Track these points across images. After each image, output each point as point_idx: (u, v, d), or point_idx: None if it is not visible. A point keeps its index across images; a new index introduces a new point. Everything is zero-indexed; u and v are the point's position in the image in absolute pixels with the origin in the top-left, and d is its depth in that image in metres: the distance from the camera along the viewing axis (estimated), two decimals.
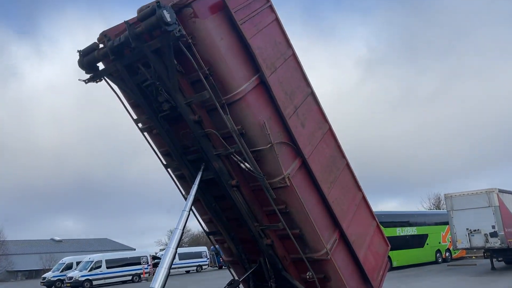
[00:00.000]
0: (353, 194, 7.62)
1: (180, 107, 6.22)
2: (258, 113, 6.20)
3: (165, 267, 6.00)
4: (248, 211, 6.64)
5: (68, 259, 41.10)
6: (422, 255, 29.28)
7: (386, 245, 8.38)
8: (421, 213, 36.16)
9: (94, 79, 6.68)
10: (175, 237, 6.30)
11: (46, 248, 71.25)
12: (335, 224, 7.03)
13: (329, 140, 7.39)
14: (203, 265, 46.05)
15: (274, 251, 6.85)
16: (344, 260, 7.09)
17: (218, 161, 6.47)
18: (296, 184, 6.41)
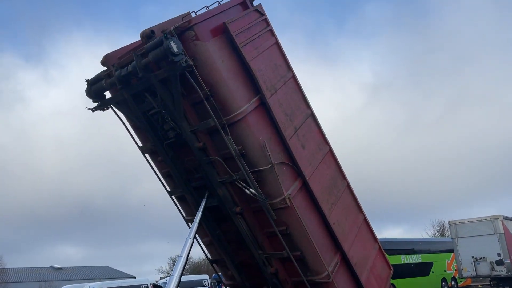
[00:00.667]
0: (354, 216, 7.60)
1: (186, 135, 6.33)
2: (258, 134, 6.26)
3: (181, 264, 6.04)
4: (252, 239, 6.63)
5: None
6: (427, 284, 28.63)
7: (389, 268, 8.27)
8: (425, 240, 35.64)
9: (101, 107, 6.84)
10: (179, 265, 6.27)
11: (46, 276, 70.17)
12: (337, 246, 7.00)
13: (330, 161, 7.43)
14: None
15: (278, 279, 6.78)
16: (346, 283, 7.00)
17: (222, 188, 6.52)
18: (297, 205, 6.41)
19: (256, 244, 6.68)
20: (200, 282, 45.34)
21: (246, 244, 6.68)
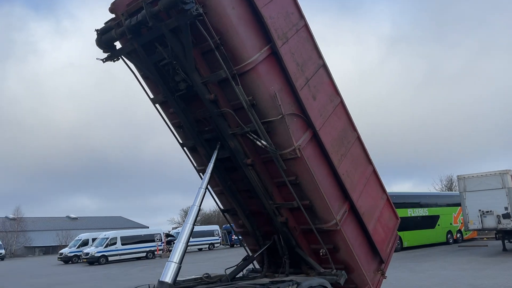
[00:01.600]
0: (363, 167, 7.64)
1: (197, 86, 6.29)
2: (269, 84, 6.20)
3: (183, 242, 6.17)
4: (263, 190, 6.74)
5: (84, 236, 42.15)
6: (433, 236, 29.31)
7: (396, 218, 8.41)
8: (433, 194, 36.07)
9: (112, 58, 6.79)
10: (192, 213, 6.43)
11: (62, 225, 73.05)
12: (345, 196, 7.08)
13: (341, 113, 7.38)
14: (215, 243, 46.80)
15: (288, 228, 6.96)
16: (353, 231, 7.17)
17: (233, 140, 6.56)
18: (307, 156, 6.46)
19: (266, 194, 6.81)
20: (211, 232, 46.94)
21: (257, 194, 6.81)
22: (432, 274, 15.68)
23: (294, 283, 5.98)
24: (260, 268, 7.84)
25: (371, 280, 7.41)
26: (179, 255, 6.01)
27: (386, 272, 7.91)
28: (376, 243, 7.51)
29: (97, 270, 28.06)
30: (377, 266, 7.72)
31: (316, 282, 6.27)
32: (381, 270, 7.72)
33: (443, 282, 13.60)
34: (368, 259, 7.52)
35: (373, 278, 7.55)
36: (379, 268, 7.71)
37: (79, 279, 22.77)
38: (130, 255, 35.81)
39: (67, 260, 38.96)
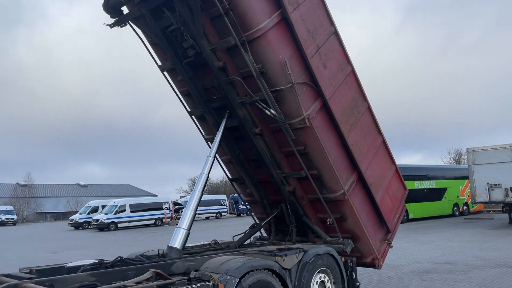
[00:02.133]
0: (373, 138, 7.56)
1: (205, 53, 6.18)
2: (279, 51, 6.07)
3: (191, 209, 6.25)
4: (271, 159, 6.72)
5: (94, 203, 42.96)
6: (439, 208, 29.43)
7: (404, 189, 8.40)
8: (440, 167, 35.97)
9: (119, 23, 6.67)
10: (201, 181, 6.47)
11: (72, 192, 74.41)
12: (354, 166, 7.05)
13: (352, 82, 7.23)
14: (222, 212, 47.47)
15: (295, 197, 6.98)
16: (361, 201, 7.18)
17: (242, 109, 6.49)
18: (316, 125, 6.39)
19: (274, 164, 6.80)
20: (218, 201, 47.54)
21: (265, 163, 6.81)
22: (438, 245, 15.82)
23: (301, 250, 6.05)
24: (267, 236, 7.95)
25: (377, 249, 7.48)
26: (187, 222, 6.10)
27: (392, 242, 7.98)
28: (383, 213, 7.53)
29: (107, 236, 28.72)
30: (383, 235, 7.78)
31: (323, 250, 6.34)
32: (387, 240, 7.78)
33: (449, 253, 13.71)
34: (375, 228, 7.57)
35: (379, 247, 7.62)
36: (385, 238, 7.77)
37: (89, 244, 23.34)
38: (139, 222, 36.51)
39: (77, 226, 39.87)
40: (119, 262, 5.40)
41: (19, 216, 60.09)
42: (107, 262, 5.32)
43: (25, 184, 68.61)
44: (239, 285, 4.99)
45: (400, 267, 11.49)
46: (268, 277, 5.37)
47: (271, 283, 5.39)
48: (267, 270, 5.41)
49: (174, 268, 5.31)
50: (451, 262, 11.99)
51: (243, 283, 5.04)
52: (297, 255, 5.94)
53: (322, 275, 6.29)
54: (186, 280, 4.86)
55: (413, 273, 10.57)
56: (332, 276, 6.41)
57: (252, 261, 5.32)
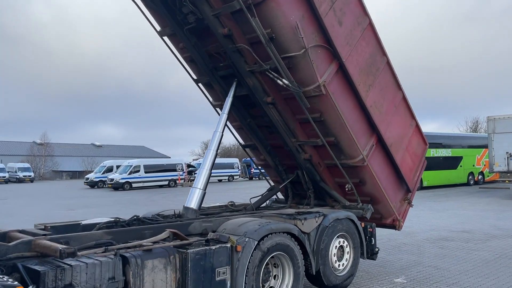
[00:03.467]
0: (392, 95, 7.06)
1: (208, 19, 5.63)
2: (289, 13, 5.48)
3: (207, 168, 6.02)
4: (285, 127, 6.39)
5: (109, 163, 43.53)
6: (453, 177, 29.09)
7: (425, 144, 7.95)
8: (457, 135, 35.28)
9: None
10: (215, 140, 6.18)
11: (87, 152, 75.54)
12: (373, 128, 6.67)
13: (369, 37, 6.59)
14: (235, 175, 47.78)
15: (311, 164, 6.70)
16: (380, 164, 6.90)
17: (251, 78, 6.02)
18: (332, 91, 5.94)
19: (289, 132, 6.46)
20: (231, 165, 47.78)
21: (278, 131, 6.51)
22: (453, 213, 15.64)
23: (321, 214, 5.88)
24: (284, 199, 7.80)
25: (397, 210, 7.29)
26: (203, 182, 5.90)
27: (412, 201, 7.75)
28: (404, 173, 7.24)
29: (121, 195, 29.17)
30: (403, 195, 7.53)
31: (343, 215, 6.17)
32: (407, 199, 7.54)
33: (465, 221, 13.54)
34: (395, 189, 7.32)
35: (399, 208, 7.42)
36: (405, 197, 7.52)
37: (105, 203, 23.72)
38: (152, 182, 36.96)
39: (92, 184, 40.60)
40: (135, 221, 5.30)
41: (36, 174, 61.40)
42: (123, 221, 5.22)
43: (41, 143, 69.72)
44: (258, 248, 4.86)
45: (415, 234, 11.37)
46: (286, 241, 5.23)
47: (290, 246, 5.25)
48: (285, 233, 5.26)
49: (191, 229, 5.19)
50: (468, 230, 11.82)
51: (261, 245, 4.91)
52: (317, 219, 5.78)
53: (341, 239, 6.14)
54: (203, 241, 4.73)
55: (429, 240, 10.44)
56: (351, 241, 6.26)
57: (271, 223, 5.16)
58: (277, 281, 5.29)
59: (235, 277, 4.65)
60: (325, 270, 5.77)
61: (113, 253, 3.87)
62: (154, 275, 4.09)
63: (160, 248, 4.24)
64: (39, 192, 35.44)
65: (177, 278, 4.28)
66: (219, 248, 4.58)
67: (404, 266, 7.95)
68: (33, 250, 3.75)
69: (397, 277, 7.14)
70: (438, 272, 7.48)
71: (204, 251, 4.45)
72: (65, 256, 3.47)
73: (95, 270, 3.64)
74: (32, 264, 3.53)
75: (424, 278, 7.09)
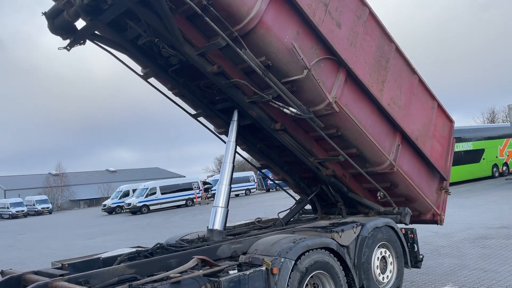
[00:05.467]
0: (408, 82, 6.50)
1: (192, 60, 5.02)
2: (282, 35, 4.89)
3: (225, 184, 5.50)
4: (300, 149, 5.88)
5: (125, 187, 43.40)
6: (477, 171, 28.21)
7: (450, 121, 7.39)
8: (476, 127, 34.41)
9: (76, 42, 5.39)
10: (226, 170, 5.59)
11: (102, 178, 75.85)
12: (395, 127, 6.15)
13: (372, 28, 6.00)
14: (251, 188, 47.29)
15: (336, 177, 6.21)
16: (410, 162, 6.39)
17: (254, 109, 5.46)
18: (345, 103, 5.40)
19: (305, 152, 5.94)
20: (247, 178, 47.31)
21: (294, 153, 5.99)
22: (485, 209, 14.93)
23: (358, 224, 5.39)
24: (311, 209, 7.32)
25: (435, 203, 6.82)
26: (224, 199, 5.42)
27: (449, 188, 7.21)
28: (435, 163, 6.70)
29: (140, 219, 28.85)
30: (438, 185, 7.02)
31: (382, 222, 5.67)
32: (444, 188, 7.02)
33: (500, 216, 12.86)
34: (429, 182, 6.81)
35: (436, 200, 6.94)
36: (441, 186, 7.02)
37: (124, 228, 23.40)
38: (170, 203, 36.67)
39: (110, 211, 40.44)
40: (158, 250, 4.88)
41: (54, 205, 61.69)
42: (146, 250, 4.81)
43: (57, 173, 70.23)
44: (295, 268, 4.40)
45: (452, 234, 10.77)
46: (325, 257, 4.75)
47: (330, 263, 4.77)
48: (323, 249, 4.78)
49: (220, 252, 4.75)
50: (507, 226, 11.17)
51: (299, 265, 4.44)
52: (354, 229, 5.29)
53: (383, 249, 5.64)
54: (235, 265, 4.29)
55: (468, 240, 9.84)
56: (393, 250, 5.75)
57: (307, 239, 4.69)
58: None
59: None
60: (369, 285, 5.26)
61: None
62: None
63: (190, 279, 3.80)
64: (58, 223, 35.36)
65: None
66: (253, 272, 4.13)
67: (448, 271, 7.37)
68: None
69: (444, 285, 6.58)
70: (486, 275, 6.90)
71: (238, 277, 4.00)
72: None
73: None
74: None
75: (474, 283, 6.52)
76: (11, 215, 53.07)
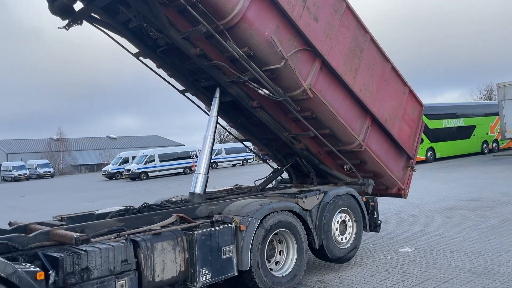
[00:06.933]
0: (381, 70, 7.07)
1: (177, 43, 5.63)
2: (263, 29, 5.48)
3: (206, 153, 6.22)
4: (276, 125, 6.55)
5: (124, 154, 44.30)
6: (467, 146, 28.96)
7: (420, 105, 7.96)
8: (469, 104, 34.87)
9: (74, 22, 6.00)
10: (207, 142, 6.30)
11: (103, 144, 76.79)
12: (366, 111, 6.77)
13: (349, 20, 6.54)
14: (249, 158, 48.17)
15: (308, 151, 6.90)
16: (378, 142, 7.05)
17: (233, 87, 6.12)
18: (319, 90, 6.02)
19: (281, 128, 6.61)
20: (244, 149, 47.68)
21: (270, 128, 6.66)
22: (464, 183, 15.72)
23: (321, 192, 6.14)
24: (289, 180, 8.07)
25: (400, 179, 7.52)
26: (204, 167, 6.17)
27: (415, 165, 7.90)
28: (402, 143, 7.37)
29: (139, 185, 29.84)
30: (405, 163, 7.69)
31: (343, 191, 6.42)
32: (410, 166, 7.71)
33: (475, 190, 13.65)
34: (396, 160, 7.49)
35: (402, 176, 7.63)
36: (407, 165, 7.70)
37: (123, 193, 24.37)
38: (168, 171, 37.60)
39: (110, 176, 41.49)
40: (145, 208, 5.65)
41: (55, 169, 62.86)
42: (134, 208, 5.57)
43: (58, 138, 71.13)
44: (261, 226, 5.16)
45: (425, 205, 11.57)
46: (288, 218, 5.51)
47: (292, 223, 5.54)
48: (287, 212, 5.54)
49: (198, 212, 5.52)
50: (477, 198, 11.97)
51: (264, 224, 5.20)
52: (317, 196, 6.04)
53: (343, 214, 6.40)
54: (209, 222, 5.06)
55: (437, 211, 10.64)
56: (353, 215, 6.52)
57: (273, 203, 5.45)
58: (282, 256, 5.60)
59: (241, 254, 4.97)
60: (328, 244, 6.06)
61: (124, 238, 4.21)
62: (164, 256, 4.43)
63: (168, 232, 4.58)
64: (59, 187, 36.43)
65: (186, 257, 4.62)
66: (223, 228, 4.90)
67: (410, 236, 8.20)
68: (52, 239, 4.12)
69: (402, 247, 7.40)
70: (443, 240, 7.72)
71: (210, 232, 4.78)
72: (80, 243, 3.82)
73: (108, 254, 3.99)
74: (51, 252, 3.89)
75: (429, 246, 7.34)
76: (13, 178, 54.34)
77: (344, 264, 6.51)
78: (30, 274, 3.41)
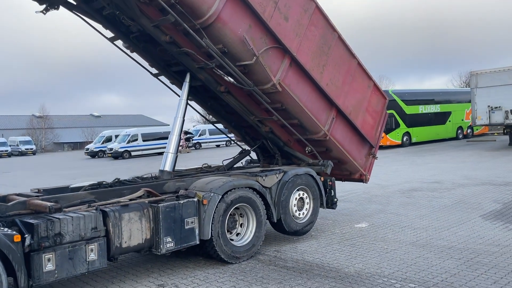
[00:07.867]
0: (347, 66, 7.62)
1: (148, 30, 6.03)
2: (236, 28, 5.92)
3: (176, 134, 6.84)
4: (242, 108, 7.04)
5: (108, 133, 44.34)
6: (442, 132, 29.92)
7: (384, 98, 8.58)
8: (445, 91, 35.77)
9: (52, 6, 6.32)
10: (177, 124, 6.84)
11: (86, 123, 76.30)
12: (331, 103, 7.31)
13: (318, 19, 6.98)
14: None
15: (273, 133, 7.44)
16: (342, 132, 7.61)
17: (202, 73, 6.57)
18: (288, 84, 6.52)
19: (247, 111, 7.10)
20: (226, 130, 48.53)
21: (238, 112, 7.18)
22: (432, 167, 16.52)
23: (281, 171, 6.70)
24: (258, 160, 8.62)
25: (362, 166, 8.14)
26: (173, 146, 6.72)
27: (376, 154, 8.54)
28: (365, 133, 7.97)
29: (121, 164, 30.17)
30: (367, 151, 8.31)
31: (302, 171, 6.98)
32: (372, 154, 8.35)
33: (440, 173, 14.41)
34: (359, 149, 8.09)
35: (364, 163, 8.26)
36: (369, 153, 8.33)
37: (105, 171, 24.69)
38: (151, 150, 37.88)
39: (93, 154, 41.62)
40: (116, 183, 6.13)
41: (38, 147, 62.46)
42: (106, 183, 6.05)
43: (41, 115, 70.41)
44: (222, 200, 5.70)
45: (389, 186, 12.27)
46: (249, 194, 6.07)
47: (252, 198, 6.10)
48: (248, 188, 6.09)
49: (166, 188, 6.03)
50: (439, 181, 12.71)
51: (225, 198, 5.75)
52: (277, 175, 6.60)
53: (301, 192, 6.99)
54: (174, 197, 5.58)
55: (400, 192, 11.34)
56: (310, 193, 7.11)
57: (234, 181, 5.98)
58: (243, 228, 6.18)
59: (203, 225, 5.53)
60: (286, 218, 6.65)
61: (95, 208, 4.71)
62: (131, 225, 4.95)
63: (135, 204, 5.10)
64: (41, 164, 36.48)
65: (151, 227, 5.15)
66: (187, 202, 5.44)
67: (368, 214, 8.86)
68: (28, 208, 4.60)
69: (358, 223, 8.06)
70: (397, 217, 8.39)
71: (174, 204, 5.31)
72: (53, 211, 4.32)
73: (79, 222, 4.49)
74: (27, 219, 4.37)
75: (383, 223, 8.00)
76: None
77: (302, 236, 7.13)
78: (8, 237, 3.90)
